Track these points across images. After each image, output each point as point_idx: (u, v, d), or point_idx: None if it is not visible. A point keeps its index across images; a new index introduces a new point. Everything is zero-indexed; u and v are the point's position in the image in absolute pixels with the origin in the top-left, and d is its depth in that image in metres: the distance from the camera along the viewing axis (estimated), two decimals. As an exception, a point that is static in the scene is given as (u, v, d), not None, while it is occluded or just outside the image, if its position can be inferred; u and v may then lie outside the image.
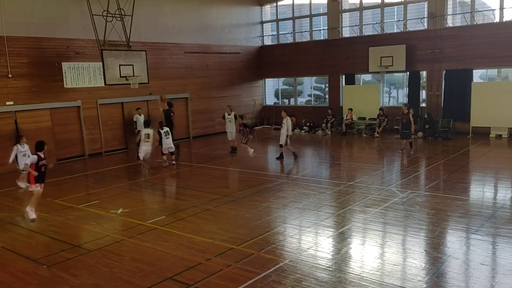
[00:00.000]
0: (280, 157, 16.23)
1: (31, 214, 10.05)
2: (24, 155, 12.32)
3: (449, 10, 21.18)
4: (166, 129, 15.62)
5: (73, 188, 13.19)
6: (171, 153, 15.91)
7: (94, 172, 15.67)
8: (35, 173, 9.90)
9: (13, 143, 12.99)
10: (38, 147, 10.04)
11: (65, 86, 17.65)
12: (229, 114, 17.67)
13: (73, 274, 7.19)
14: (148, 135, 15.21)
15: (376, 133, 21.06)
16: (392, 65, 21.77)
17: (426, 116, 20.33)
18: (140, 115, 18.86)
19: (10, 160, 12.47)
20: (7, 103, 16.20)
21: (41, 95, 17.12)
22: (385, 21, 22.85)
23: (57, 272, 7.29)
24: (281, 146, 16.21)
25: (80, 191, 12.88)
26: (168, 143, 15.62)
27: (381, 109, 21.68)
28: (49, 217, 10.34)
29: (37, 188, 10.09)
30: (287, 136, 15.84)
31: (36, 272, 7.35)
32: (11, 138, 16.18)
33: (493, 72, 20.81)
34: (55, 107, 17.53)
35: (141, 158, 15.40)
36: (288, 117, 16.09)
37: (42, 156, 9.98)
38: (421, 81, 22.01)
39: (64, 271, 7.32)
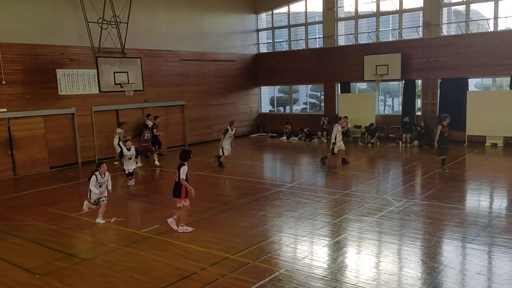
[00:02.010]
0: (323, 161, 16.34)
1: (186, 228, 9.39)
2: (100, 186, 10.14)
3: (444, 19, 21.31)
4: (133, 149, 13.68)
5: (66, 196, 13.09)
6: (130, 174, 13.96)
7: (87, 181, 15.51)
8: (190, 187, 9.09)
9: (7, 150, 12.75)
10: (185, 156, 9.25)
11: (59, 93, 17.58)
12: (232, 130, 16.62)
13: (67, 284, 7.10)
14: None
15: (369, 143, 21.02)
16: (387, 74, 21.83)
17: (422, 124, 20.37)
18: (151, 121, 19.37)
19: (91, 197, 10.17)
20: (0, 110, 16.08)
21: (35, 102, 17.02)
22: (380, 29, 22.96)
23: (51, 282, 7.19)
24: (333, 154, 16.24)
25: (74, 200, 12.75)
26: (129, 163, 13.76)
27: (371, 124, 21.70)
28: (43, 225, 10.23)
29: (187, 203, 9.28)
30: (333, 143, 16.07)
31: (29, 281, 7.26)
32: (5, 145, 16.11)
33: (488, 81, 20.92)
34: (49, 114, 17.42)
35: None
36: (337, 124, 16.24)
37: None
38: (416, 90, 22.08)
39: (58, 280, 7.23)
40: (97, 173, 9.89)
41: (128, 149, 13.41)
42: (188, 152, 9.27)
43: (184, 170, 9.00)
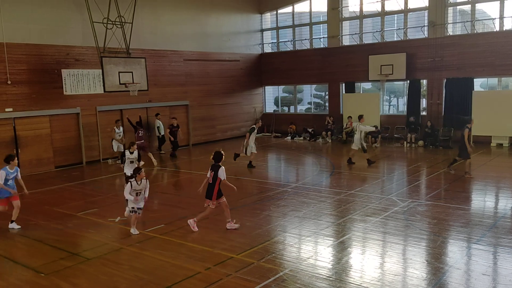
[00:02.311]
0: (371, 163, 16.14)
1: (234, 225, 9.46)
2: (137, 194, 9.30)
3: (450, 19, 21.22)
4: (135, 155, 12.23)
5: (71, 196, 13.12)
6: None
7: (92, 180, 15.60)
8: (233, 186, 9.32)
9: (12, 149, 12.75)
10: (219, 157, 9.29)
11: (64, 93, 17.64)
12: (257, 128, 16.47)
13: (72, 283, 7.12)
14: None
15: (374, 145, 20.92)
16: (392, 74, 21.78)
17: (429, 124, 20.30)
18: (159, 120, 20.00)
19: (128, 205, 9.50)
20: (6, 109, 16.17)
21: (40, 102, 17.09)
22: (385, 29, 22.90)
23: (56, 281, 7.22)
24: (364, 151, 16.20)
25: (78, 199, 12.81)
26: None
27: (375, 126, 21.56)
28: (48, 225, 10.26)
29: (214, 206, 9.29)
30: (360, 142, 16.04)
31: (34, 280, 7.28)
32: (10, 145, 16.18)
33: (493, 81, 20.82)
34: (54, 114, 17.49)
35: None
36: (358, 122, 16.10)
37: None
38: (421, 90, 22.00)
39: (63, 279, 7.25)
40: (132, 180, 9.20)
41: (131, 152, 12.33)
42: (221, 154, 9.38)
43: (223, 170, 9.13)
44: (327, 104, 25.78)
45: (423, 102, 22.30)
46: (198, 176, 15.57)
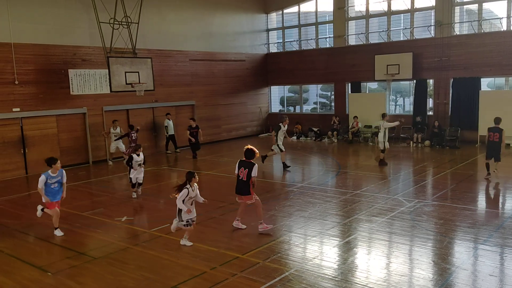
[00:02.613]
0: (383, 164, 15.83)
1: (265, 226, 9.25)
2: (191, 204, 8.52)
3: (456, 18, 21.11)
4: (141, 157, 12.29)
5: (78, 195, 13.17)
6: (138, 184, 12.54)
7: (98, 180, 15.66)
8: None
9: (20, 148, 12.74)
10: (252, 154, 9.11)
11: (71, 93, 17.71)
12: (284, 126, 16.07)
13: (78, 282, 7.15)
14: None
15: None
16: (398, 73, 21.70)
17: (436, 124, 20.21)
18: (170, 120, 20.08)
19: (181, 217, 8.34)
20: (14, 109, 16.26)
21: (47, 102, 17.18)
22: (391, 29, 22.82)
23: (62, 280, 7.25)
24: (382, 151, 15.81)
25: (85, 198, 12.86)
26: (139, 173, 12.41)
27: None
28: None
29: (257, 197, 9.28)
30: (384, 141, 15.65)
31: (41, 279, 7.32)
32: (17, 144, 16.28)
33: (501, 80, 20.69)
34: (61, 114, 17.58)
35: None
36: (382, 120, 15.73)
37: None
38: (428, 89, 21.91)
39: (69, 278, 7.29)
40: (188, 186, 8.24)
41: (138, 155, 12.19)
42: (254, 151, 9.15)
43: (256, 168, 8.99)
44: (333, 104, 25.73)
45: (430, 102, 22.21)
46: (203, 176, 15.59)
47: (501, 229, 8.87)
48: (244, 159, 9.18)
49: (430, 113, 21.93)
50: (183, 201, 8.18)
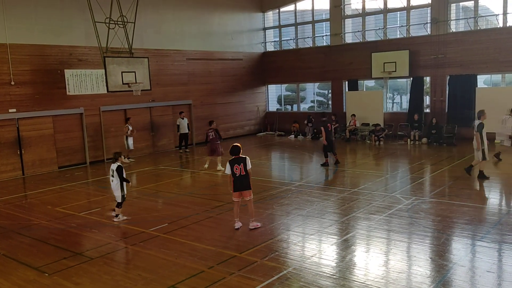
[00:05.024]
0: (483, 177, 12.90)
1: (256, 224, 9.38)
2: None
3: (452, 16, 21.15)
4: (116, 165, 10.28)
5: (74, 196, 13.13)
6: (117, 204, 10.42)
7: (95, 180, 15.61)
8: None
9: (16, 149, 12.75)
10: (238, 150, 9.32)
11: (67, 93, 17.66)
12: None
13: (75, 282, 7.11)
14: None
15: (376, 142, 20.82)
16: (395, 71, 21.72)
17: (434, 121, 20.22)
18: (183, 118, 20.14)
19: None
20: (10, 110, 16.21)
21: (43, 102, 17.13)
22: (388, 26, 22.82)
23: (58, 280, 7.22)
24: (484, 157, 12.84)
25: (81, 199, 12.82)
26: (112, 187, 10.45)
27: (378, 125, 21.43)
28: (51, 225, 10.28)
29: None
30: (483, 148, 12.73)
31: (37, 280, 7.28)
32: (13, 145, 16.22)
33: (497, 77, 20.72)
34: (57, 114, 17.53)
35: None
36: (481, 121, 12.86)
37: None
38: (424, 87, 21.91)
39: (66, 279, 7.25)
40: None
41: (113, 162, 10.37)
42: (239, 146, 9.46)
43: (249, 160, 9.26)
44: (330, 102, 25.73)
45: (427, 99, 22.23)
46: (201, 175, 15.57)
47: (498, 225, 8.86)
48: (234, 157, 9.25)
49: (427, 110, 21.94)
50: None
